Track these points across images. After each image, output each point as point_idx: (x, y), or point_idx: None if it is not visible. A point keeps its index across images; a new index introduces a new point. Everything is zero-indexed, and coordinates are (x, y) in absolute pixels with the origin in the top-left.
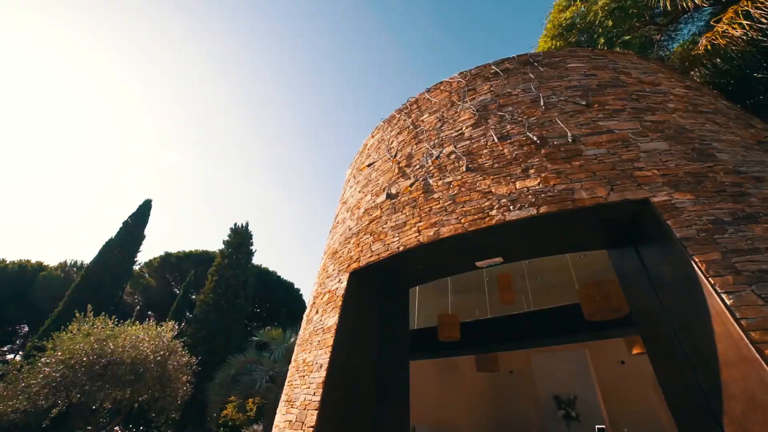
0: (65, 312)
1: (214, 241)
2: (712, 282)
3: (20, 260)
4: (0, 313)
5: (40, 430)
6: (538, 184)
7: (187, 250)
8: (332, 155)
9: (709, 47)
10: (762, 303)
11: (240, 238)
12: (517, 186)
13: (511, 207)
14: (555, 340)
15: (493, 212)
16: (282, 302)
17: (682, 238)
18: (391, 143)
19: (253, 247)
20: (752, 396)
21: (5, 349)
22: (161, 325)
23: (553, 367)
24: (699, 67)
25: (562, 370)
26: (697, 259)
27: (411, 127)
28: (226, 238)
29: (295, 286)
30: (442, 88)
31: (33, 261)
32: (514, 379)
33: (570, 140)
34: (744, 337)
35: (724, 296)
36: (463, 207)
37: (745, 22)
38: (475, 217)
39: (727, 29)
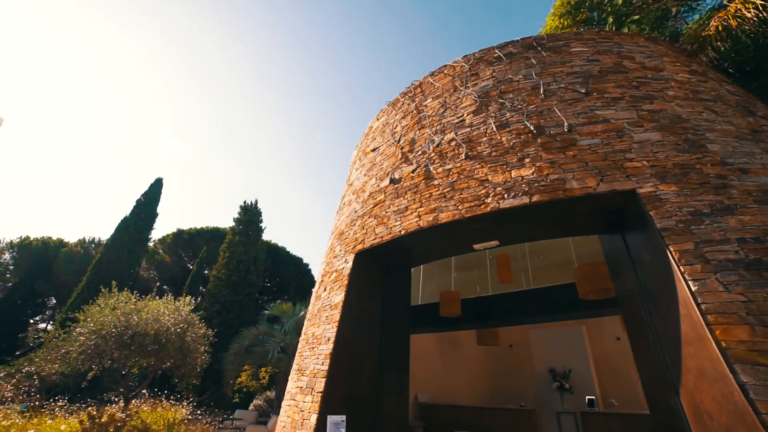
0: (88, 286)
1: (223, 218)
2: (682, 270)
3: (43, 237)
4: (30, 287)
5: (79, 390)
6: (533, 174)
7: (198, 226)
8: (341, 131)
9: (720, 28)
10: (722, 290)
11: (250, 216)
12: (513, 175)
13: (505, 195)
14: (552, 317)
15: (489, 200)
16: (291, 277)
17: (661, 228)
18: (395, 127)
19: (262, 224)
20: (702, 369)
21: (37, 318)
22: (178, 300)
23: (551, 342)
24: (708, 50)
25: (559, 344)
26: (672, 249)
27: (414, 111)
28: (236, 215)
29: (304, 261)
30: (445, 72)
31: (54, 238)
32: (513, 352)
33: (566, 130)
34: (701, 319)
35: (690, 283)
36: (461, 194)
37: (759, 2)
38: (472, 204)
39: (740, 8)
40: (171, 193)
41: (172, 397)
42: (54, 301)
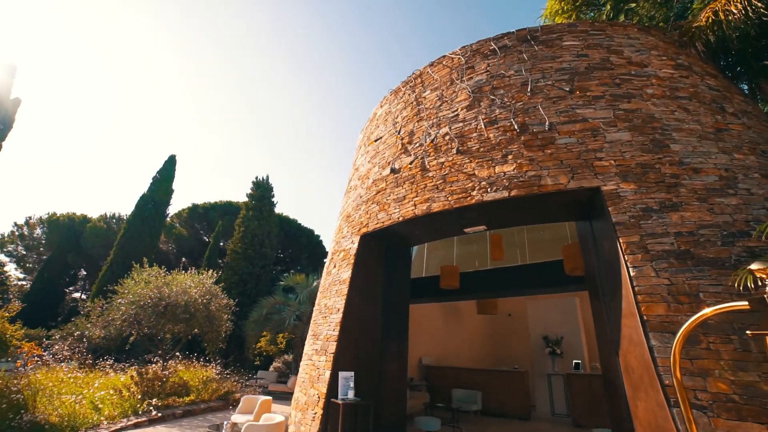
0: (116, 260)
1: (235, 192)
2: (626, 258)
3: (68, 213)
4: (63, 260)
5: (122, 352)
6: (513, 170)
7: (212, 201)
8: (349, 104)
9: (710, 20)
10: (653, 275)
11: (262, 191)
12: (496, 170)
13: (488, 189)
14: (546, 290)
15: (474, 193)
16: (303, 248)
17: (616, 222)
18: (396, 117)
19: (274, 199)
20: (631, 337)
21: (71, 289)
22: (201, 273)
23: (546, 312)
24: (698, 42)
25: (553, 314)
26: (621, 240)
27: (414, 102)
28: (249, 191)
29: (315, 233)
30: (444, 63)
31: (78, 214)
32: (510, 320)
33: (547, 128)
34: (634, 298)
35: (630, 269)
36: (451, 186)
37: None
38: (460, 195)
39: (726, 3)
40: (184, 169)
41: (201, 359)
42: (84, 273)
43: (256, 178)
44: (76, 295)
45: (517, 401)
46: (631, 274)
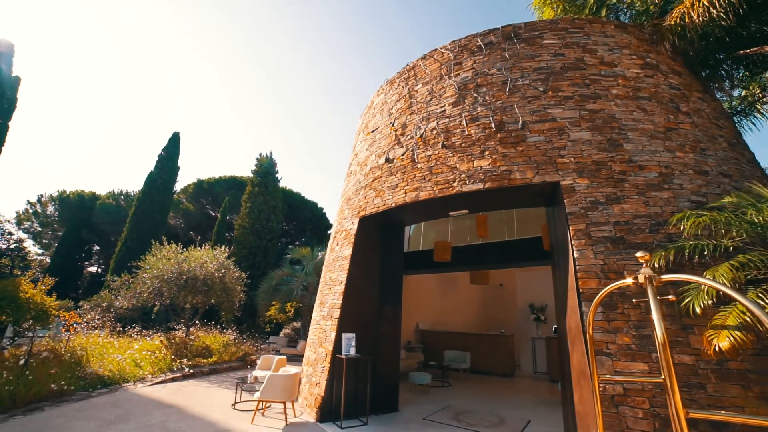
0: (130, 236)
1: (238, 166)
2: (573, 243)
3: (78, 190)
4: (78, 236)
5: (149, 320)
6: (489, 165)
7: (216, 176)
8: (351, 76)
9: (677, 21)
10: (592, 257)
11: (266, 167)
12: (474, 165)
13: (467, 181)
14: (527, 263)
15: (455, 184)
16: (307, 220)
17: (568, 212)
18: (391, 108)
19: (278, 174)
20: (572, 305)
21: (87, 263)
22: (214, 249)
23: (533, 282)
24: (665, 42)
25: (538, 284)
26: (571, 228)
27: (407, 96)
28: (253, 167)
29: (319, 205)
30: (435, 57)
31: (86, 191)
32: (501, 290)
33: (520, 127)
34: (575, 275)
35: (575, 252)
36: (436, 177)
37: (705, 3)
38: (443, 186)
39: (688, 7)
40: (187, 145)
41: (218, 327)
42: (97, 248)
43: (260, 154)
44: (92, 269)
45: (503, 361)
46: (575, 255)
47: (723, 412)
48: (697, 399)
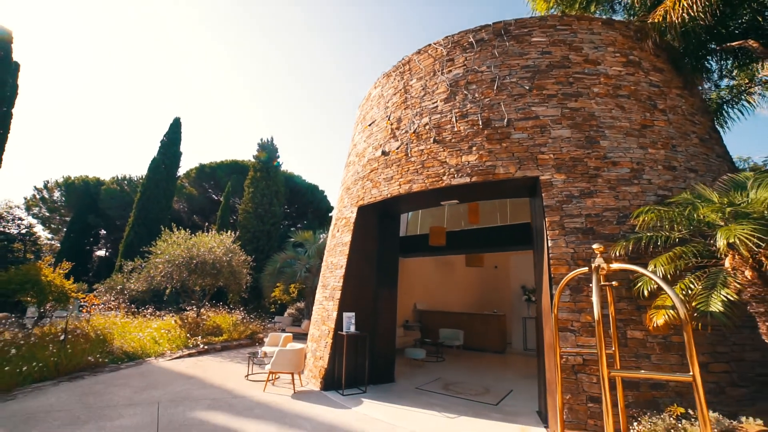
0: (136, 221)
1: (239, 150)
2: (548, 233)
3: (82, 176)
4: (85, 221)
5: (161, 302)
6: (476, 160)
7: (218, 160)
8: (352, 59)
9: (660, 19)
10: (564, 246)
11: (267, 153)
12: (462, 160)
13: (456, 175)
14: (517, 247)
15: (445, 178)
16: (308, 203)
17: (545, 205)
18: (388, 102)
19: (279, 159)
20: (545, 288)
21: (95, 248)
22: (221, 234)
23: (525, 265)
24: (648, 39)
25: (531, 267)
26: (547, 219)
27: (402, 90)
28: (255, 153)
29: (320, 188)
30: (429, 52)
31: (91, 176)
32: (495, 272)
33: (505, 124)
34: (548, 261)
35: (549, 241)
36: (428, 171)
37: (685, 3)
38: (434, 179)
39: (669, 7)
40: (187, 129)
41: (225, 308)
42: (104, 232)
43: (261, 140)
44: (100, 252)
45: (495, 339)
46: (549, 244)
47: (643, 371)
48: (644, 366)
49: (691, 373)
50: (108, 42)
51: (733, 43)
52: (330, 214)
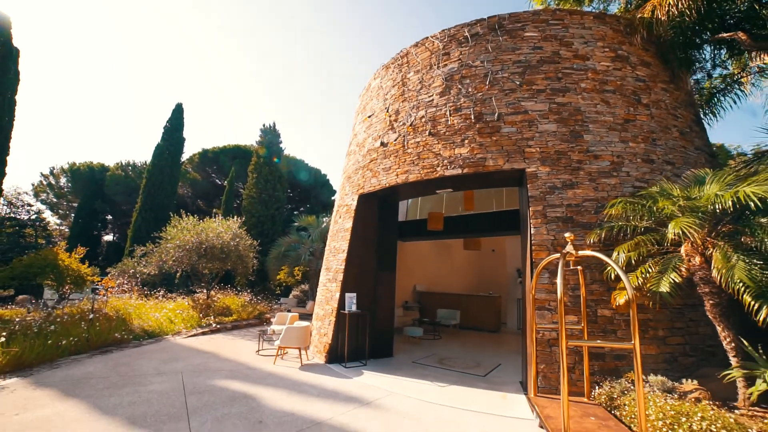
0: (143, 206)
1: (241, 134)
2: (531, 221)
3: (87, 162)
4: (91, 206)
5: (172, 285)
6: (467, 153)
7: (220, 145)
8: (354, 42)
9: (647, 15)
10: (545, 233)
11: (270, 138)
12: (455, 152)
13: (449, 166)
14: (510, 232)
15: (439, 169)
16: (311, 187)
17: (530, 195)
18: (386, 94)
19: (282, 145)
20: (528, 272)
21: (103, 232)
22: (228, 219)
23: (520, 249)
24: (637, 34)
25: None
26: (531, 209)
27: (400, 83)
28: (258, 138)
29: (322, 172)
30: (426, 45)
31: (95, 162)
32: (492, 255)
33: (496, 118)
34: (530, 247)
35: (532, 228)
36: (423, 162)
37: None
38: (429, 170)
39: (658, 5)
40: (189, 114)
41: (233, 290)
42: (110, 217)
43: (264, 125)
44: (107, 237)
45: (490, 319)
46: (532, 232)
47: (599, 341)
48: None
49: (632, 342)
50: (108, 29)
51: (725, 35)
52: (332, 198)
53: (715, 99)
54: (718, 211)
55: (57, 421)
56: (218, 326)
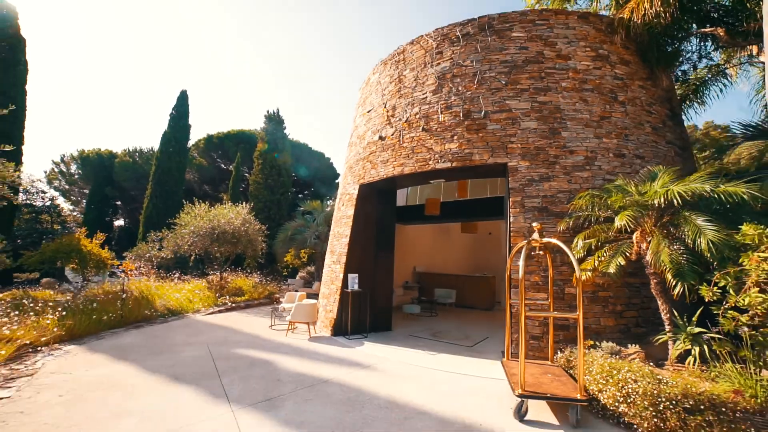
0: (153, 193)
1: (246, 119)
2: (510, 211)
3: (96, 149)
4: (102, 192)
5: (186, 267)
6: (456, 148)
7: (225, 131)
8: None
9: (627, 16)
10: (522, 221)
11: (274, 124)
12: (445, 147)
13: (440, 160)
14: (501, 217)
15: (430, 162)
16: (316, 170)
17: (510, 187)
18: (384, 89)
19: (286, 131)
20: (505, 256)
21: (115, 218)
22: (237, 205)
23: None
24: (617, 34)
25: None
26: (511, 199)
27: (397, 79)
28: (262, 125)
29: (326, 156)
30: (421, 44)
31: (104, 149)
32: (489, 238)
33: (482, 116)
34: (509, 234)
35: (511, 217)
36: (417, 156)
37: (646, 5)
38: (422, 163)
39: (636, 7)
40: (194, 101)
41: (244, 272)
42: (120, 203)
43: (268, 111)
44: (119, 222)
45: (484, 298)
46: (511, 220)
47: (555, 313)
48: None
49: (577, 313)
50: (114, 19)
51: (706, 30)
52: (336, 181)
53: (702, 89)
54: (661, 205)
55: (119, 376)
56: (233, 305)
